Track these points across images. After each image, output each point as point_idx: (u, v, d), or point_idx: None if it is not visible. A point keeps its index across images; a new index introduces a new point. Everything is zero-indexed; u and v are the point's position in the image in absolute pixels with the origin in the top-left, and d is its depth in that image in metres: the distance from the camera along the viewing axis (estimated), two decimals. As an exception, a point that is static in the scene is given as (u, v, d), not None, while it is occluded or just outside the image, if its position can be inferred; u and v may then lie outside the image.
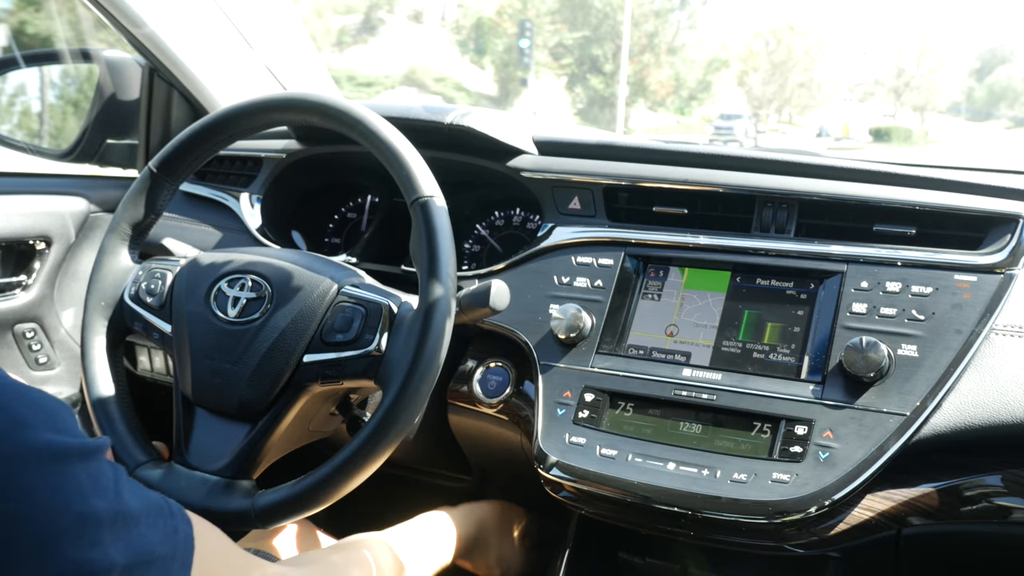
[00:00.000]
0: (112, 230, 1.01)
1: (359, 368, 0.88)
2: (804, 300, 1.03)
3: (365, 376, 0.88)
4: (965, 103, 41.60)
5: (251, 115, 0.99)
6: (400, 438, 0.84)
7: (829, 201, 1.08)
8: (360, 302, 0.90)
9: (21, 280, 1.48)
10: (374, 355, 0.87)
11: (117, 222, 1.01)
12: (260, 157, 1.43)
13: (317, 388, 0.90)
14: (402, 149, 0.91)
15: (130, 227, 1.02)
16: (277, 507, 0.84)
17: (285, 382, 0.88)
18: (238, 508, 0.84)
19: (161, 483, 0.88)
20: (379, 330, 0.88)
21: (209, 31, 1.52)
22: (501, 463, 1.23)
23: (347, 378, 0.88)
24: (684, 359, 1.03)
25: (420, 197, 0.88)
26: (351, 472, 0.82)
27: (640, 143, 1.24)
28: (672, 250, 1.11)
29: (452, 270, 0.87)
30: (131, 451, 0.91)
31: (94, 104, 1.59)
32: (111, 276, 1.00)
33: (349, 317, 0.89)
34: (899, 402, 0.90)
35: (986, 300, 0.95)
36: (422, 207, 0.88)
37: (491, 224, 1.37)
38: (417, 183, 0.89)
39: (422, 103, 1.27)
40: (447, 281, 0.86)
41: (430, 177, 0.90)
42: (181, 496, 0.86)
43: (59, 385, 1.57)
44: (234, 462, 0.88)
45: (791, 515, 0.87)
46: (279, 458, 0.95)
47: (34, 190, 1.51)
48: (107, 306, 0.99)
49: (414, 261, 0.88)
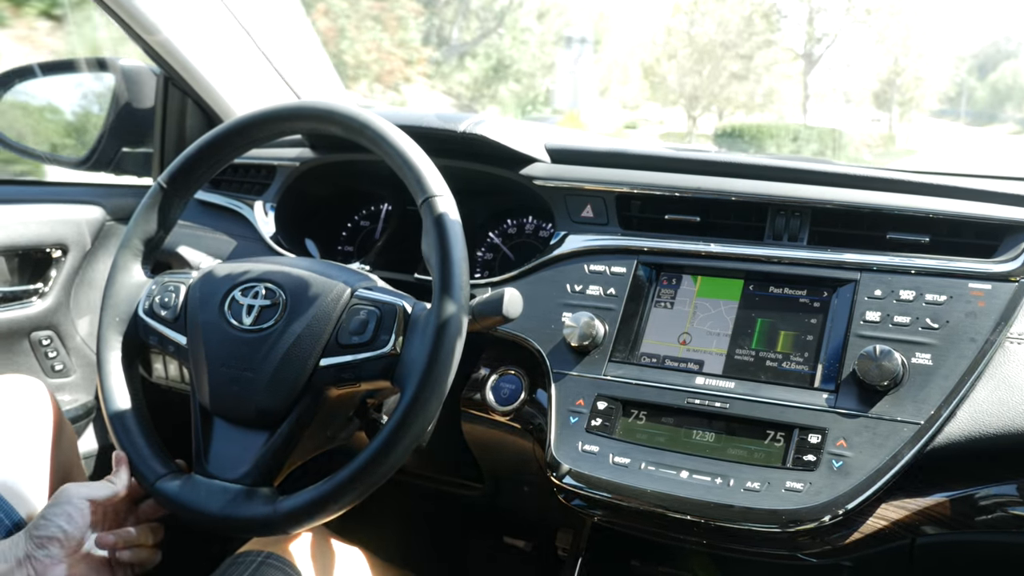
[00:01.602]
0: (124, 246, 1.02)
1: (376, 369, 0.88)
2: (817, 308, 1.03)
3: (382, 377, 0.88)
4: (965, 105, 35.40)
5: (258, 126, 1.00)
6: (419, 437, 0.84)
7: (842, 209, 1.08)
8: (375, 304, 0.91)
9: (38, 288, 1.50)
10: (391, 356, 0.88)
11: (129, 238, 1.02)
12: (274, 166, 1.44)
13: (334, 392, 0.90)
14: (409, 151, 0.92)
15: (142, 243, 1.03)
16: (302, 510, 0.84)
17: (303, 387, 0.89)
18: (260, 515, 0.85)
19: (181, 494, 0.88)
20: (394, 331, 0.88)
21: (223, 40, 1.53)
22: (514, 471, 1.23)
23: (364, 380, 0.89)
24: (697, 367, 1.03)
25: (430, 196, 0.89)
26: (373, 472, 0.82)
27: (653, 151, 1.24)
28: (685, 258, 1.11)
29: (465, 267, 0.87)
30: (151, 464, 0.92)
31: (110, 113, 1.61)
32: (124, 292, 1.01)
33: (364, 319, 0.90)
34: (913, 411, 0.90)
35: (1000, 308, 0.94)
36: (432, 206, 0.88)
37: (504, 232, 1.37)
38: (426, 183, 0.89)
39: (435, 112, 1.28)
40: (460, 278, 0.86)
41: (439, 177, 0.91)
42: (202, 506, 0.87)
43: (75, 392, 1.58)
44: (254, 470, 0.88)
45: (805, 524, 0.87)
46: (297, 466, 0.95)
47: (50, 198, 1.53)
48: (121, 321, 1.00)
49: (426, 261, 0.89)
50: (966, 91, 35.51)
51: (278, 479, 0.90)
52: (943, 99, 33.33)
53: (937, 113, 33.10)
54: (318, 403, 0.90)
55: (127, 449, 0.93)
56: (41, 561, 0.82)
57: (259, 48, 1.57)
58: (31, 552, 0.83)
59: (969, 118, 34.59)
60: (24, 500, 1.04)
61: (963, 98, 35.37)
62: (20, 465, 1.06)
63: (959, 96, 35.07)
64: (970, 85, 35.84)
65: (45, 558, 0.83)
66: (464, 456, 1.25)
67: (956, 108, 34.94)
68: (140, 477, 0.91)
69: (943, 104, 33.74)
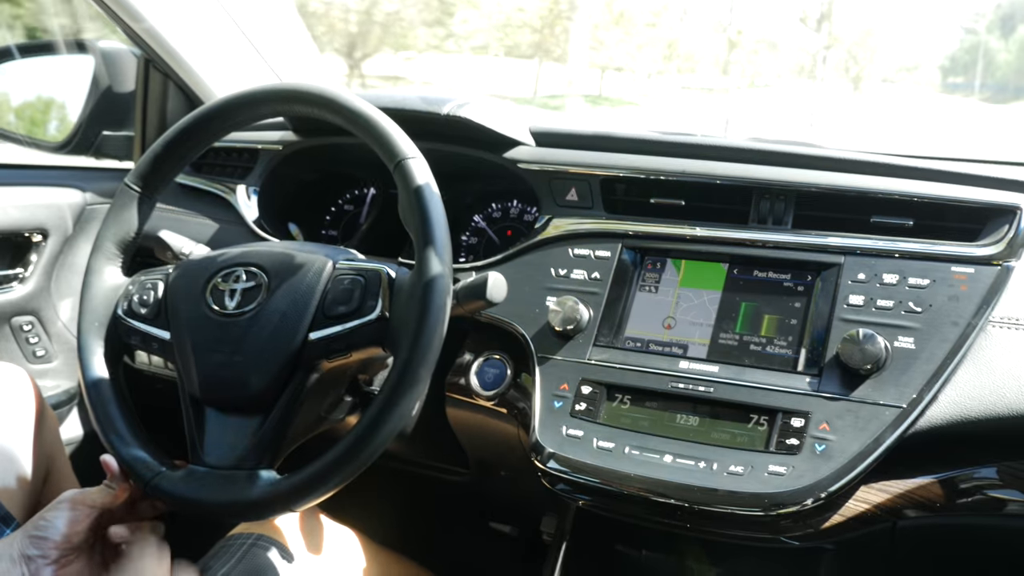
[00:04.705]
0: (97, 250, 1.00)
1: (366, 336, 0.87)
2: (801, 292, 1.03)
3: (373, 343, 0.87)
4: (982, 75, 24.55)
5: (221, 116, 0.99)
6: (417, 402, 0.83)
7: (826, 192, 1.08)
8: (358, 272, 0.90)
9: (18, 273, 1.48)
10: (379, 320, 0.87)
11: (101, 241, 1.00)
12: (256, 149, 1.43)
13: (326, 365, 0.89)
14: (376, 117, 0.90)
15: (115, 245, 1.01)
16: (305, 485, 0.82)
17: (293, 363, 0.88)
18: (264, 496, 0.83)
19: (180, 487, 0.87)
20: (380, 296, 0.87)
21: (204, 22, 1.51)
22: (498, 456, 1.23)
23: (355, 348, 0.88)
24: (681, 351, 1.03)
25: (401, 159, 0.88)
26: (374, 439, 0.81)
27: (638, 134, 1.23)
28: (669, 242, 1.11)
29: (444, 224, 0.86)
30: (146, 463, 0.90)
31: (90, 95, 1.59)
32: (101, 295, 0.99)
33: (349, 288, 0.89)
34: (895, 394, 0.90)
35: (983, 292, 0.95)
36: (404, 168, 0.87)
37: (488, 216, 1.36)
38: (396, 146, 0.88)
39: (419, 94, 1.27)
40: (441, 235, 0.85)
41: (408, 140, 0.89)
42: (203, 496, 0.85)
43: (57, 378, 1.57)
44: (252, 454, 0.87)
45: (787, 507, 0.87)
46: (294, 447, 0.94)
47: (30, 182, 1.51)
48: (101, 325, 0.98)
49: (405, 224, 0.88)
50: (984, 55, 25.68)
51: (276, 461, 0.89)
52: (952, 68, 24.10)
53: (948, 87, 25.05)
54: (310, 379, 0.89)
55: (120, 451, 0.91)
56: (36, 562, 0.82)
57: (241, 30, 1.55)
58: (27, 552, 0.82)
59: (988, 92, 24.61)
60: (7, 488, 1.03)
61: (979, 66, 25.58)
62: (2, 453, 1.05)
63: (973, 64, 25.68)
64: (990, 47, 25.83)
65: (40, 559, 0.82)
66: (449, 441, 1.25)
67: (971, 80, 25.71)
68: (136, 478, 0.90)
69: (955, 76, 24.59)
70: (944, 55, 23.69)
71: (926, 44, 22.59)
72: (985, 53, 25.65)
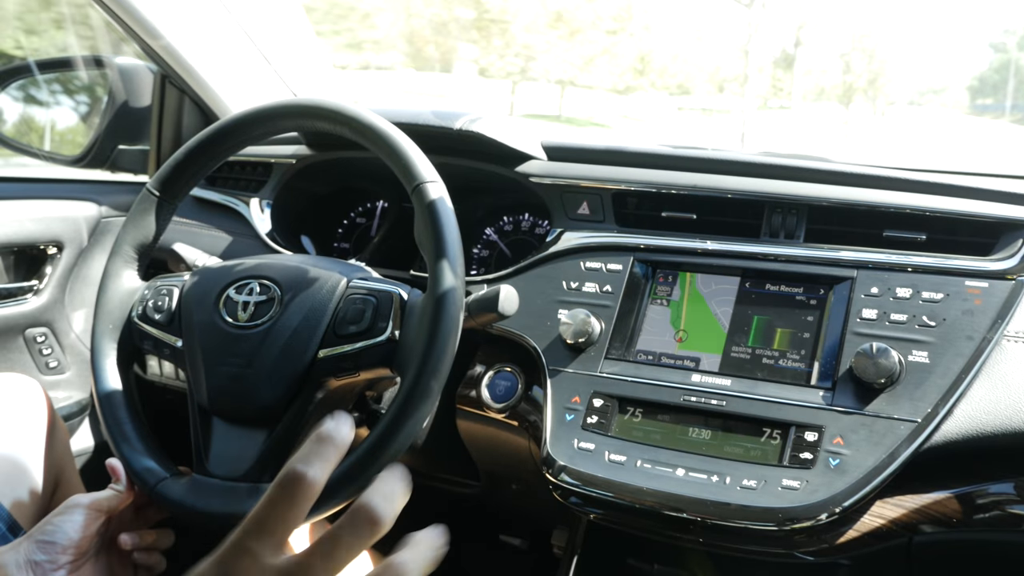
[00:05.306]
0: (115, 253, 1.01)
1: (375, 357, 0.87)
2: (814, 306, 1.02)
3: (381, 364, 0.88)
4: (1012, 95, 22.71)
5: (243, 128, 0.99)
6: (427, 415, 0.83)
7: (838, 206, 1.08)
8: (371, 292, 0.90)
9: (33, 285, 1.49)
10: (389, 342, 0.87)
11: (120, 245, 1.01)
12: (270, 162, 1.44)
13: (334, 383, 0.90)
14: (398, 139, 0.91)
15: (133, 249, 1.01)
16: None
17: (302, 380, 0.88)
18: None
19: (183, 495, 0.87)
20: (391, 318, 0.88)
21: (220, 39, 1.53)
22: (509, 468, 1.23)
23: (363, 368, 0.88)
24: (693, 365, 1.03)
25: (420, 183, 0.88)
26: (383, 453, 0.80)
27: (649, 148, 1.24)
28: (681, 255, 1.11)
29: (459, 250, 0.86)
30: (152, 468, 0.90)
31: (106, 110, 1.60)
32: (117, 298, 1.00)
33: (360, 308, 0.89)
34: (910, 408, 0.90)
35: (997, 306, 0.94)
36: (423, 192, 0.88)
37: (500, 229, 1.37)
38: (416, 170, 0.89)
39: (431, 109, 1.28)
40: (455, 261, 0.85)
41: (428, 164, 0.90)
42: (205, 505, 0.85)
43: (69, 389, 1.57)
44: (256, 466, 0.87)
45: (801, 522, 0.87)
46: None
47: (47, 195, 1.52)
48: (115, 329, 0.99)
49: (420, 247, 0.88)
50: (1015, 74, 24.03)
51: None
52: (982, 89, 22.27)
53: (976, 109, 23.40)
54: (317, 396, 0.89)
55: (126, 456, 0.92)
56: (43, 567, 0.82)
57: (256, 46, 1.57)
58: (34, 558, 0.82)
59: (1020, 113, 23.09)
60: (16, 499, 1.03)
61: (1009, 85, 23.84)
62: (12, 464, 1.05)
63: (1003, 83, 23.58)
64: (1021, 65, 24.26)
65: (48, 564, 0.82)
66: (460, 454, 1.25)
67: (1001, 101, 23.83)
68: (140, 483, 0.90)
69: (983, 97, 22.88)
70: (972, 75, 22.45)
71: (953, 65, 21.51)
72: (1016, 72, 24.48)
